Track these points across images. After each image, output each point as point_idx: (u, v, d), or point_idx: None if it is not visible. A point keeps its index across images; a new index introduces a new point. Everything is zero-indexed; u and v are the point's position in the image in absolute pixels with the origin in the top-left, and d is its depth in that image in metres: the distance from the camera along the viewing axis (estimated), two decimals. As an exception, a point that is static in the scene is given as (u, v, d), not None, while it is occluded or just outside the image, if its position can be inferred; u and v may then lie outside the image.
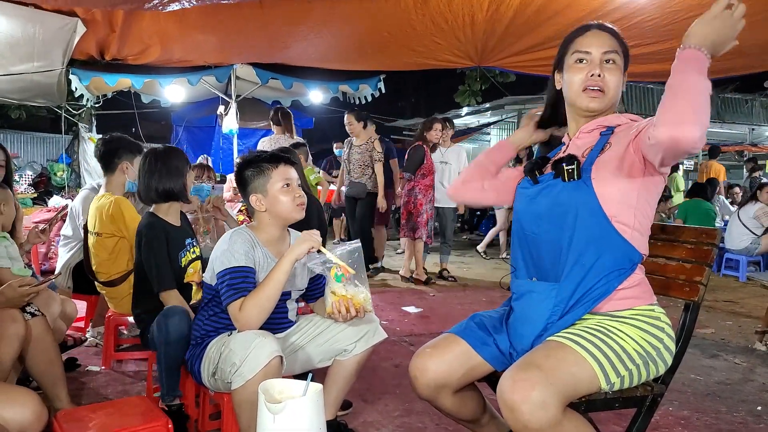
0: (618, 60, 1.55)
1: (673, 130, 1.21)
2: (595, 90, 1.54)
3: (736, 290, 5.82)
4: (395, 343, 3.50)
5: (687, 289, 1.64)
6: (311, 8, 3.92)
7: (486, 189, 1.85)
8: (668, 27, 4.06)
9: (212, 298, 1.99)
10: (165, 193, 2.46)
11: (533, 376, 1.29)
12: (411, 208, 5.53)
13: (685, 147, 1.22)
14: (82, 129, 8.94)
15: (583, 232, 1.48)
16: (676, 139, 1.21)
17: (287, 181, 1.96)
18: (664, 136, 1.23)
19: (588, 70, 1.54)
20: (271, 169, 1.96)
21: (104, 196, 2.90)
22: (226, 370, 1.77)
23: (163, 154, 2.52)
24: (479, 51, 4.91)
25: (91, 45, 4.99)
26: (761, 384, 3.00)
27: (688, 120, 1.21)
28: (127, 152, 3.00)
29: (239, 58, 5.68)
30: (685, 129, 1.20)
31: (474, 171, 1.88)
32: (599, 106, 1.56)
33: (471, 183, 1.87)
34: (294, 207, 1.97)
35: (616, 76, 1.54)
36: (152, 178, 2.45)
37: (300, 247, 1.82)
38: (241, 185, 2.03)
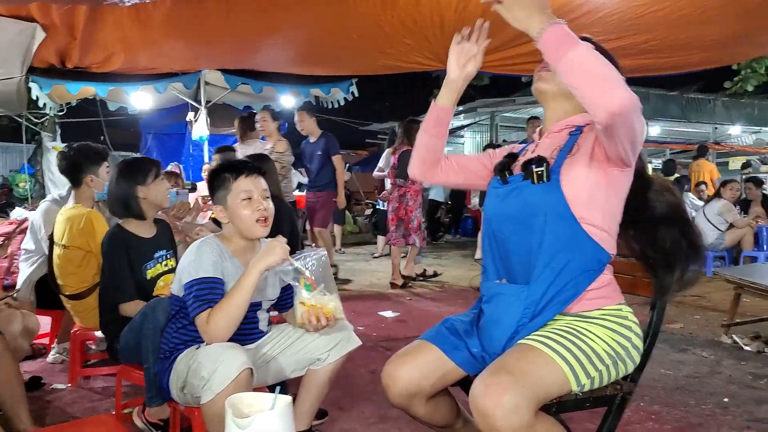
0: None
1: (601, 109, 1.25)
2: (542, 70, 1.59)
3: (703, 285, 5.94)
4: (372, 349, 3.49)
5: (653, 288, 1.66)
6: (278, 7, 3.87)
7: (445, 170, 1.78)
8: (631, 22, 4.13)
9: (180, 310, 1.94)
10: (118, 206, 2.45)
11: (505, 381, 1.29)
12: (402, 215, 5.58)
13: (626, 110, 1.25)
14: (46, 138, 8.70)
15: (552, 234, 1.48)
16: (613, 111, 1.25)
17: (248, 194, 1.90)
18: (600, 118, 1.27)
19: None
20: (231, 181, 1.91)
21: (75, 208, 2.84)
22: (194, 384, 1.73)
23: (120, 166, 2.49)
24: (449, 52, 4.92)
25: (51, 52, 4.84)
26: (728, 376, 3.07)
27: (606, 90, 1.25)
28: (90, 164, 2.92)
29: (207, 65, 5.59)
30: (613, 97, 1.24)
31: (423, 151, 1.76)
32: (544, 85, 1.60)
33: (430, 168, 1.78)
34: (253, 223, 1.89)
35: None
36: (111, 192, 2.46)
37: (268, 258, 1.78)
38: (210, 192, 2.01)
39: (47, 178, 8.63)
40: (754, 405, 2.65)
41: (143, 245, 2.43)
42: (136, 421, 2.18)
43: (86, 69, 5.34)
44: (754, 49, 5.56)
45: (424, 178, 1.83)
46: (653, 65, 5.21)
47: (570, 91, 1.53)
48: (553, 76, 1.56)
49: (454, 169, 1.79)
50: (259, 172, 1.97)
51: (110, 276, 2.36)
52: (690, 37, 4.32)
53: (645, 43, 4.49)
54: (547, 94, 1.61)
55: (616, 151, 1.39)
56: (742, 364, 3.27)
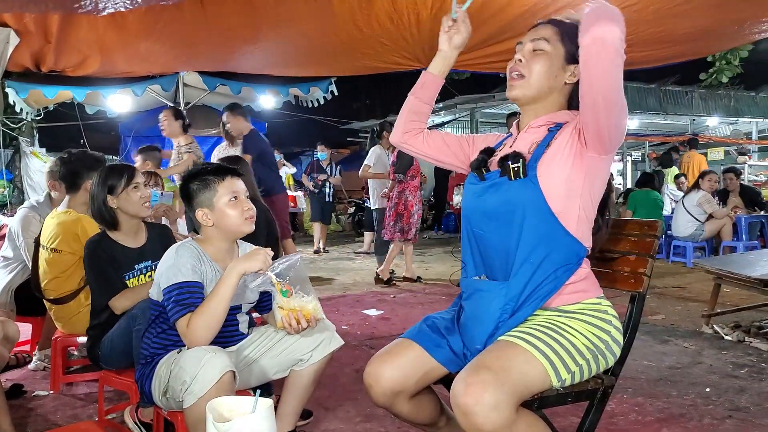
0: (547, 46, 1.55)
1: (594, 30, 1.34)
2: (515, 76, 1.58)
3: (684, 276, 6.05)
4: (356, 348, 3.49)
5: (632, 281, 1.68)
6: (255, 10, 3.85)
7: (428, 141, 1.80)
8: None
9: (159, 315, 1.92)
10: (95, 215, 2.43)
11: (485, 378, 1.29)
12: (402, 210, 5.61)
13: (607, 42, 1.33)
14: (24, 143, 8.57)
15: (530, 230, 1.49)
16: (598, 36, 1.33)
17: (234, 194, 1.91)
18: (586, 39, 1.36)
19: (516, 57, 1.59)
20: (217, 182, 1.91)
21: (67, 213, 2.82)
22: (177, 388, 1.72)
23: (98, 174, 2.46)
24: (426, 52, 4.92)
25: (26, 57, 4.76)
26: (709, 366, 3.12)
27: (604, 21, 1.34)
28: (88, 170, 2.90)
29: (184, 67, 5.55)
30: (603, 27, 1.33)
31: (409, 116, 1.79)
32: (519, 93, 1.59)
33: (411, 135, 1.80)
34: (243, 221, 1.91)
35: (542, 60, 1.56)
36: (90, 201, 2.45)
37: (247, 263, 1.77)
38: (186, 199, 1.97)
39: (26, 184, 8.49)
40: (735, 394, 2.69)
41: (125, 255, 2.39)
42: (126, 420, 2.16)
43: (61, 72, 5.26)
44: (725, 41, 5.66)
45: (405, 142, 1.82)
46: (630, 59, 5.27)
47: (544, 93, 1.57)
48: (526, 82, 1.57)
49: (436, 142, 1.80)
50: (239, 174, 1.97)
51: (93, 280, 2.35)
52: (663, 31, 4.38)
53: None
54: (521, 100, 1.61)
55: (597, 127, 1.41)
56: (723, 353, 3.32)
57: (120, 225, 2.43)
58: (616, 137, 1.46)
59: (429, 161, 1.87)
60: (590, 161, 1.49)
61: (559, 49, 1.56)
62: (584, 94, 1.41)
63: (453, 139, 1.83)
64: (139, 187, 2.44)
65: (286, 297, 1.78)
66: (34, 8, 3.56)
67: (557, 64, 1.56)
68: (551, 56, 1.56)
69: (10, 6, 3.60)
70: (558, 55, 1.56)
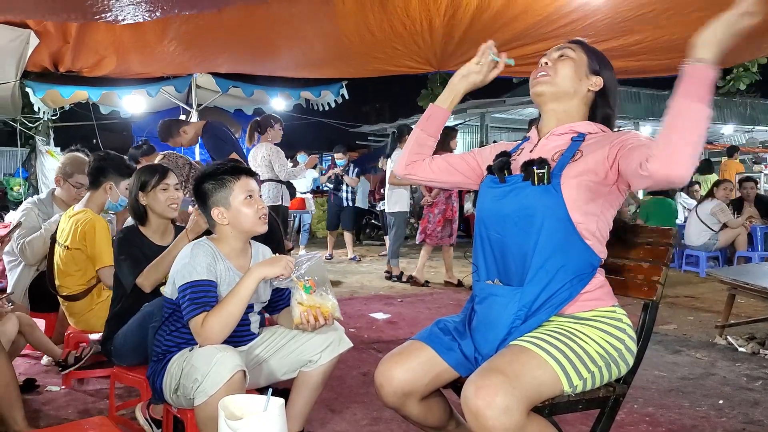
0: (572, 53, 1.62)
1: (668, 168, 1.26)
2: (539, 75, 1.62)
3: (696, 286, 5.98)
4: (363, 351, 3.48)
5: (645, 289, 1.66)
6: (269, 12, 3.89)
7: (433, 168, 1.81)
8: (621, 24, 4.19)
9: (173, 313, 1.94)
10: (129, 208, 2.50)
11: (496, 382, 1.29)
12: (449, 215, 5.74)
13: (675, 183, 1.30)
14: (40, 142, 8.68)
15: (548, 237, 1.48)
16: (669, 177, 1.28)
17: (249, 192, 1.94)
18: (659, 174, 1.28)
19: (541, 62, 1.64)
20: (233, 182, 1.93)
21: (84, 212, 2.86)
22: (188, 386, 1.73)
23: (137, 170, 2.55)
24: (438, 56, 4.95)
25: (45, 57, 4.85)
26: (722, 378, 3.08)
27: (683, 160, 1.25)
28: (114, 173, 2.97)
29: (197, 69, 5.60)
30: (680, 168, 1.25)
31: (415, 148, 1.82)
32: (541, 88, 1.62)
33: (416, 166, 1.82)
34: (257, 220, 1.94)
35: (567, 65, 1.61)
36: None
37: (269, 269, 1.80)
38: (200, 199, 1.99)
39: (41, 182, 8.60)
40: (748, 407, 2.66)
41: (151, 250, 2.43)
42: (138, 416, 2.17)
43: (78, 73, 5.33)
44: (742, 54, 5.60)
45: (409, 173, 1.83)
46: (644, 67, 5.25)
47: (567, 94, 1.58)
48: (551, 80, 1.60)
49: (441, 166, 1.82)
50: (253, 173, 2.00)
51: (122, 262, 2.37)
52: (677, 39, 4.36)
53: (636, 44, 4.53)
54: (545, 96, 1.63)
55: (637, 185, 1.45)
56: (736, 365, 3.28)
57: (149, 222, 2.49)
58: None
59: (436, 185, 1.90)
60: (613, 189, 1.52)
61: (583, 57, 1.62)
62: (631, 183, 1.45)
63: (456, 158, 1.84)
64: (169, 189, 2.47)
65: (308, 293, 1.81)
66: (56, 17, 3.63)
67: (582, 70, 1.61)
68: (576, 61, 1.61)
69: (32, 14, 3.68)
70: (582, 62, 1.62)
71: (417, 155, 1.82)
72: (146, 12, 3.18)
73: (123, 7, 3.04)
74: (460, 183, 1.85)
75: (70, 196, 3.40)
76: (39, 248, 3.16)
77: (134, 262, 2.36)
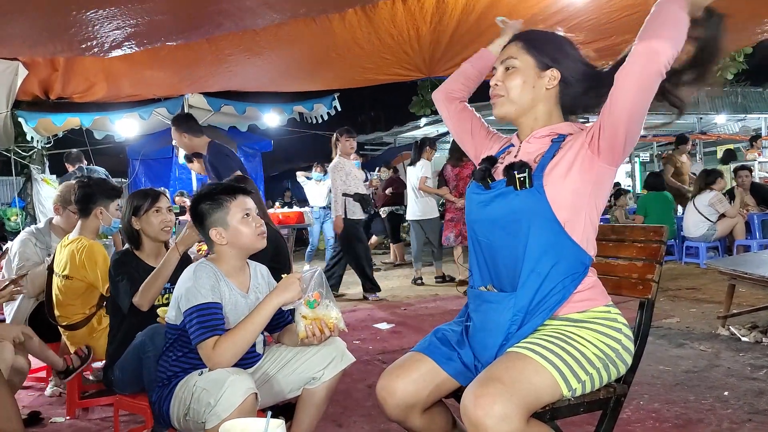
0: (516, 62, 1.59)
1: (651, 41, 1.36)
2: (494, 97, 1.63)
3: (698, 277, 5.98)
4: (368, 363, 3.48)
5: (640, 287, 1.67)
6: (256, 35, 3.92)
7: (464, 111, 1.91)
8: (606, 25, 4.21)
9: (177, 338, 1.93)
10: (124, 233, 2.53)
11: (494, 390, 1.29)
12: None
13: (659, 57, 1.34)
14: (35, 170, 8.69)
15: (536, 239, 1.49)
16: (654, 49, 1.35)
17: (246, 211, 1.95)
18: (641, 46, 1.37)
19: (491, 83, 1.65)
20: (229, 201, 1.94)
21: (78, 240, 2.86)
22: (200, 410, 1.72)
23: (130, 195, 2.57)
24: (427, 62, 4.99)
25: (35, 85, 4.89)
26: (726, 369, 3.08)
27: (664, 35, 1.36)
28: (102, 197, 2.98)
29: (189, 89, 5.63)
30: (661, 42, 1.35)
31: (459, 77, 1.94)
32: (501, 110, 1.62)
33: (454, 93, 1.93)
34: (256, 237, 1.95)
35: (514, 76, 1.58)
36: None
37: (287, 295, 1.82)
38: (197, 220, 1.99)
39: (38, 211, 8.60)
40: (754, 397, 2.65)
41: (146, 272, 2.44)
42: None
43: (69, 99, 5.36)
44: (730, 45, 5.64)
45: (445, 98, 1.93)
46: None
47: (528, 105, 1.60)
48: (506, 99, 1.60)
49: (465, 118, 1.89)
50: (248, 191, 2.02)
51: (117, 285, 2.39)
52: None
53: (623, 43, 4.55)
54: (509, 116, 1.63)
55: (615, 135, 1.43)
56: (740, 355, 3.28)
57: (143, 245, 2.51)
58: (627, 151, 1.48)
59: (449, 127, 1.95)
60: (599, 170, 1.49)
61: (528, 60, 1.58)
62: (616, 100, 1.41)
63: (479, 124, 1.89)
64: (161, 211, 2.50)
65: (312, 307, 1.83)
66: (44, 51, 3.66)
67: (531, 75, 1.58)
68: (522, 70, 1.58)
69: (19, 50, 3.71)
70: (529, 66, 1.58)
71: (459, 84, 1.92)
72: (132, 40, 3.21)
73: (108, 33, 3.07)
74: (464, 140, 1.91)
75: (70, 223, 3.39)
76: (39, 281, 3.16)
77: (131, 281, 2.38)
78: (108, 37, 3.11)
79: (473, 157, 1.86)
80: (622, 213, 7.86)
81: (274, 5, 3.16)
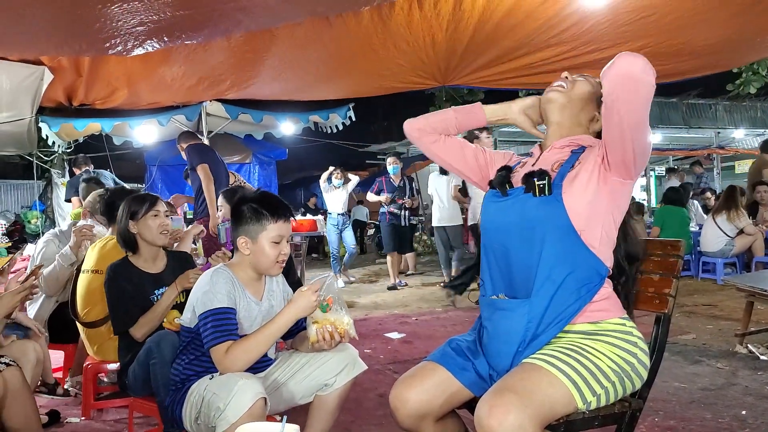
0: (592, 80, 1.65)
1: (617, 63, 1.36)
2: (556, 86, 1.65)
3: (714, 293, 5.90)
4: (379, 372, 3.47)
5: (657, 302, 1.66)
6: (274, 37, 3.96)
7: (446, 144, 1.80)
8: (624, 28, 4.16)
9: (191, 341, 1.96)
10: (119, 239, 2.53)
11: (509, 401, 1.29)
12: None
13: (635, 72, 1.34)
14: (55, 175, 8.86)
15: (552, 246, 1.50)
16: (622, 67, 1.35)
17: (279, 237, 1.95)
18: (612, 71, 1.37)
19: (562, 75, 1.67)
20: (269, 221, 1.93)
21: (109, 238, 2.95)
22: (210, 414, 1.74)
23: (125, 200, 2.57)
24: (442, 71, 5.00)
25: (59, 92, 4.98)
26: (744, 387, 3.03)
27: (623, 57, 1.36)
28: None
29: (207, 95, 5.69)
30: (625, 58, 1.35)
31: (437, 125, 1.79)
32: (556, 95, 1.64)
33: (428, 134, 1.79)
34: (273, 264, 1.96)
35: (585, 85, 1.64)
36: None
37: (304, 308, 1.84)
38: (235, 218, 1.99)
39: (57, 214, 8.75)
40: (771, 416, 2.61)
41: (143, 279, 2.46)
42: None
43: (91, 105, 5.46)
44: (748, 54, 5.58)
45: (419, 136, 1.79)
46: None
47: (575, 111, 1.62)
48: (566, 92, 1.63)
49: (455, 147, 1.80)
50: (289, 218, 2.01)
51: (111, 306, 2.41)
52: (683, 43, 4.35)
53: (640, 50, 4.52)
54: (554, 104, 1.65)
55: (623, 152, 1.43)
56: (758, 374, 3.22)
57: (140, 250, 2.51)
58: (640, 164, 1.48)
59: (438, 162, 1.85)
60: (613, 185, 1.50)
61: (597, 89, 1.62)
62: (611, 125, 1.43)
63: (470, 149, 1.83)
64: (159, 215, 2.51)
65: (324, 311, 1.84)
66: (69, 51, 3.73)
67: (594, 100, 1.63)
68: (592, 88, 1.63)
69: (45, 50, 3.79)
70: (597, 94, 1.61)
71: (433, 130, 1.78)
72: (154, 37, 3.26)
73: (131, 30, 3.11)
74: (462, 171, 1.83)
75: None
76: (55, 278, 3.22)
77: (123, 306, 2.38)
78: (131, 35, 3.16)
79: (479, 180, 1.81)
80: (642, 227, 7.80)
81: (293, 2, 3.19)
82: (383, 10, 3.80)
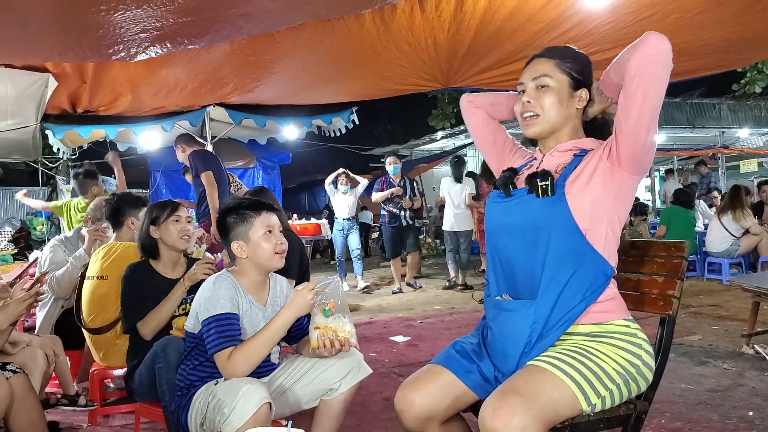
0: (550, 81, 1.58)
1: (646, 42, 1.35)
2: (528, 117, 1.61)
3: (720, 294, 5.87)
4: (384, 375, 3.47)
5: (661, 303, 1.66)
6: (276, 40, 3.98)
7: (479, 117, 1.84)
8: (625, 29, 4.16)
9: (195, 347, 1.97)
10: (139, 244, 2.56)
11: (513, 403, 1.29)
12: None
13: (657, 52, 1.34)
14: (60, 181, 8.91)
15: (557, 247, 1.49)
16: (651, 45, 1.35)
17: (269, 228, 1.98)
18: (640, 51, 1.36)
19: (523, 100, 1.62)
20: (253, 217, 1.98)
21: (114, 245, 2.98)
22: (215, 419, 1.75)
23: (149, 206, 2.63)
24: (444, 72, 5.00)
25: (63, 99, 5.01)
26: (751, 388, 3.01)
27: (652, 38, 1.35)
28: (130, 208, 3.09)
29: (209, 98, 5.70)
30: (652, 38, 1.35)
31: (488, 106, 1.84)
32: (537, 130, 1.62)
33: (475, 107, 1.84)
34: (273, 255, 1.98)
35: (550, 96, 1.58)
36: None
37: (300, 308, 1.85)
38: (222, 232, 2.04)
39: (62, 221, 8.79)
40: (779, 417, 2.60)
41: (162, 284, 2.48)
42: None
43: (95, 111, 5.48)
44: (752, 54, 5.56)
45: (467, 106, 1.85)
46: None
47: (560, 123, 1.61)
48: (541, 119, 1.60)
49: (495, 126, 1.85)
50: (275, 209, 2.05)
51: (124, 302, 2.44)
52: (685, 42, 4.34)
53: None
54: (542, 134, 1.63)
55: (634, 141, 1.43)
56: (765, 374, 3.20)
57: (160, 255, 2.54)
58: (649, 155, 1.48)
59: (472, 132, 1.88)
60: (621, 181, 1.50)
61: (562, 79, 1.59)
62: (631, 108, 1.41)
63: (503, 136, 1.86)
64: (180, 221, 2.55)
65: (326, 316, 1.84)
66: (73, 57, 3.75)
67: (565, 94, 1.59)
68: (557, 89, 1.58)
69: (49, 56, 3.81)
70: (563, 85, 1.59)
71: (482, 106, 1.83)
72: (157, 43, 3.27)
73: (134, 36, 3.13)
74: (486, 148, 1.87)
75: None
76: (68, 280, 3.25)
77: (138, 302, 2.40)
78: (134, 41, 3.18)
79: (495, 168, 1.85)
80: (646, 227, 7.79)
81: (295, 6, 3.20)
82: (385, 12, 3.81)
